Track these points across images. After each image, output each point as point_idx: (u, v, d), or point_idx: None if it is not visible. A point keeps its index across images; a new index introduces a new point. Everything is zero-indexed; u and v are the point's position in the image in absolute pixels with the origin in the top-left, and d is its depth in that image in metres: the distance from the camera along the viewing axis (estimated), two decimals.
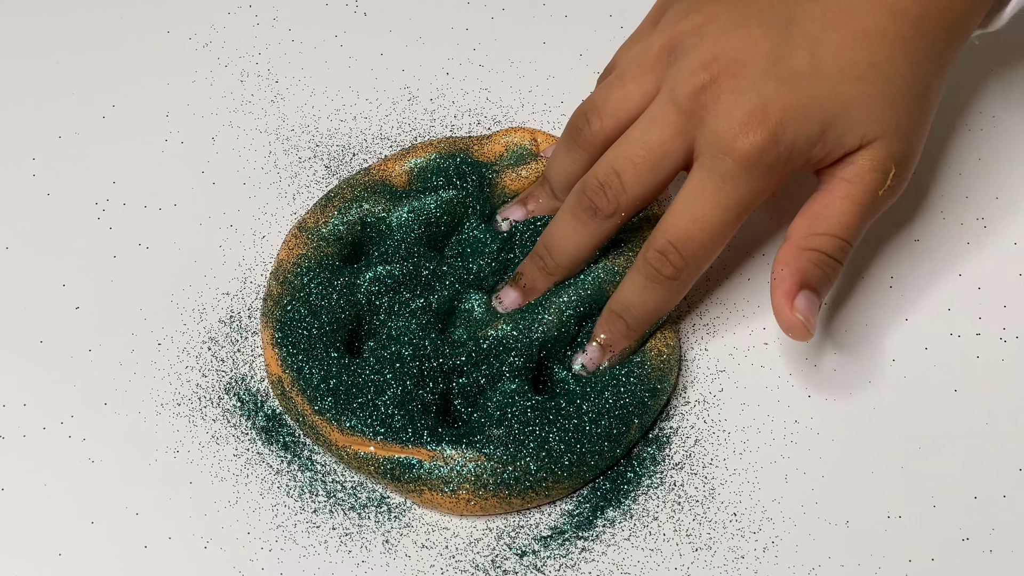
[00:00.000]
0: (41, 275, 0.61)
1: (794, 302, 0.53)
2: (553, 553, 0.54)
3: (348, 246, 0.59)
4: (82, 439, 0.56)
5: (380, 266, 0.58)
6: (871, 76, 0.54)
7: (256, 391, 0.58)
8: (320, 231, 0.59)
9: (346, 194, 0.60)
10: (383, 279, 0.58)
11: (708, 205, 0.54)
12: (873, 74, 0.54)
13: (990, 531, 0.55)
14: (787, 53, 0.54)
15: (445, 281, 0.58)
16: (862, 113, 0.54)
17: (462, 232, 0.60)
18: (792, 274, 0.53)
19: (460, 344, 0.57)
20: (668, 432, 0.57)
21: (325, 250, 0.59)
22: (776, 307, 0.54)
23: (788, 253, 0.54)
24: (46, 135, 0.65)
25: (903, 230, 0.62)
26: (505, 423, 0.55)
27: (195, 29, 0.68)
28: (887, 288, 0.61)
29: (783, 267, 0.54)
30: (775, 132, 0.53)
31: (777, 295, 0.53)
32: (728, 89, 0.53)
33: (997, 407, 0.58)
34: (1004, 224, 0.62)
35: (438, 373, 0.56)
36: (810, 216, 0.54)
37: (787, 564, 0.54)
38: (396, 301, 0.58)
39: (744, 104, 0.53)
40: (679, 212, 0.54)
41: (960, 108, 0.66)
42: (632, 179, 0.55)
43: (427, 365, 0.56)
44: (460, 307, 0.58)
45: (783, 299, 0.53)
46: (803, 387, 0.58)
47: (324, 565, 0.54)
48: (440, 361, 0.56)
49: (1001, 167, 0.64)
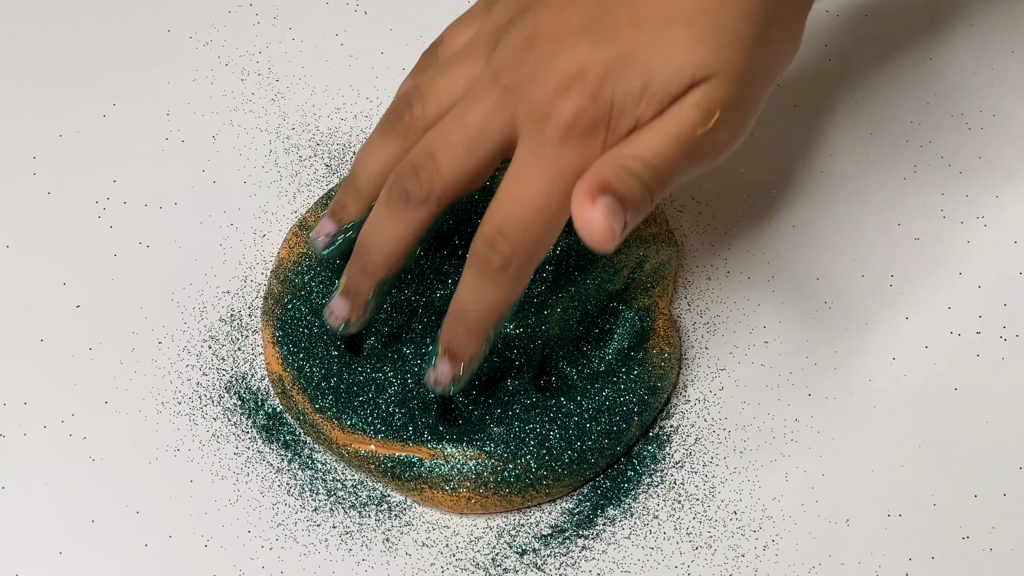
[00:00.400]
0: (42, 274, 0.61)
1: (595, 200, 0.47)
2: (553, 551, 0.54)
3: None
4: (83, 438, 0.57)
5: None
6: (699, 19, 0.49)
7: (257, 390, 0.58)
8: None
9: None
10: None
11: (530, 180, 0.49)
12: (702, 16, 0.49)
13: (990, 529, 0.55)
14: (606, 9, 0.49)
15: (447, 280, 0.58)
16: (689, 54, 0.48)
17: (466, 228, 0.60)
18: (594, 180, 0.48)
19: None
20: (668, 430, 0.57)
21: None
22: (574, 208, 0.47)
23: (589, 171, 0.48)
24: (47, 134, 0.65)
25: (903, 229, 0.62)
26: (506, 421, 0.55)
27: (196, 28, 0.68)
28: (887, 287, 0.61)
29: (583, 179, 0.48)
30: (592, 91, 0.48)
31: (576, 198, 0.47)
32: (545, 55, 0.49)
33: (997, 406, 0.58)
34: (1004, 223, 0.62)
35: None
36: (617, 146, 0.49)
37: (787, 562, 0.54)
38: (397, 299, 0.58)
39: (559, 67, 0.48)
40: (501, 193, 0.49)
41: (960, 106, 0.66)
42: (446, 159, 0.50)
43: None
44: None
45: (583, 198, 0.47)
46: (803, 386, 0.58)
47: (324, 563, 0.54)
48: None
49: (1001, 166, 0.64)
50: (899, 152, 0.65)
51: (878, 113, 0.66)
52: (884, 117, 0.66)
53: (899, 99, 0.66)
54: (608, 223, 0.47)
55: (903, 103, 0.66)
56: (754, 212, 0.63)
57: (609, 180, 0.47)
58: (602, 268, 0.58)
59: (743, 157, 0.64)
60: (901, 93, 0.66)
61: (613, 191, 0.47)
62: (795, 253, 0.62)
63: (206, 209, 0.63)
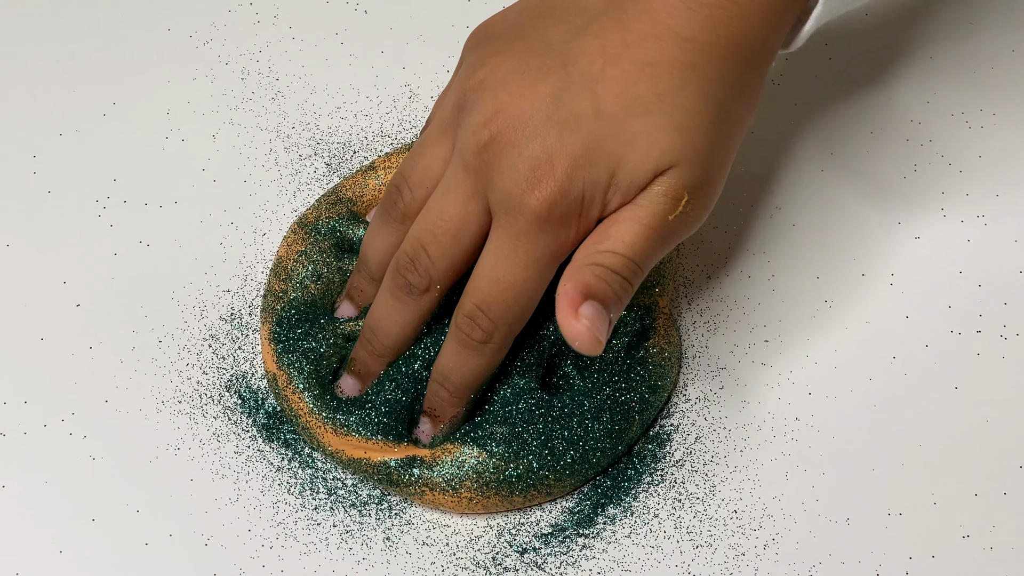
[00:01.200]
0: (42, 273, 0.61)
1: (579, 309, 0.50)
2: (554, 550, 0.54)
3: (346, 243, 0.59)
4: (83, 436, 0.56)
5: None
6: (658, 107, 0.50)
7: (257, 388, 0.58)
8: (320, 228, 0.59)
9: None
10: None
11: (507, 264, 0.51)
12: (660, 104, 0.50)
13: (991, 528, 0.55)
14: (567, 96, 0.51)
15: None
16: (651, 146, 0.50)
17: None
18: (575, 286, 0.50)
19: None
20: (669, 429, 0.57)
21: (324, 246, 0.59)
22: (560, 318, 0.50)
23: (570, 270, 0.51)
24: (47, 133, 0.65)
25: (903, 228, 0.62)
26: (508, 421, 0.55)
27: (195, 27, 0.68)
28: (887, 285, 0.61)
29: (565, 282, 0.50)
30: (562, 183, 0.50)
31: (560, 306, 0.50)
32: (510, 143, 0.51)
33: (997, 404, 0.58)
34: (1005, 222, 0.62)
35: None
36: (594, 238, 0.51)
37: (788, 561, 0.54)
38: None
39: (527, 158, 0.50)
40: (481, 274, 0.52)
41: (960, 106, 0.66)
42: (437, 251, 0.53)
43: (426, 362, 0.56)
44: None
45: (567, 308, 0.50)
46: (804, 384, 0.58)
47: (325, 562, 0.54)
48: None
49: (1001, 165, 0.64)
50: (899, 152, 0.65)
51: (878, 113, 0.66)
52: (884, 117, 0.66)
53: (899, 99, 0.66)
54: (593, 333, 0.49)
55: (903, 103, 0.66)
56: (754, 211, 0.63)
57: (590, 284, 0.50)
58: None
59: (743, 157, 0.64)
60: (901, 93, 0.66)
61: (595, 295, 0.50)
62: (795, 253, 0.62)
63: (206, 208, 0.63)
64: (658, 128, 0.51)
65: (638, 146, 0.51)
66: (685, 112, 0.51)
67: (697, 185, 0.52)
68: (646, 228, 0.51)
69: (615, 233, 0.51)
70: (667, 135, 0.51)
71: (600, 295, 0.50)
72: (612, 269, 0.51)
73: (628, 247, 0.51)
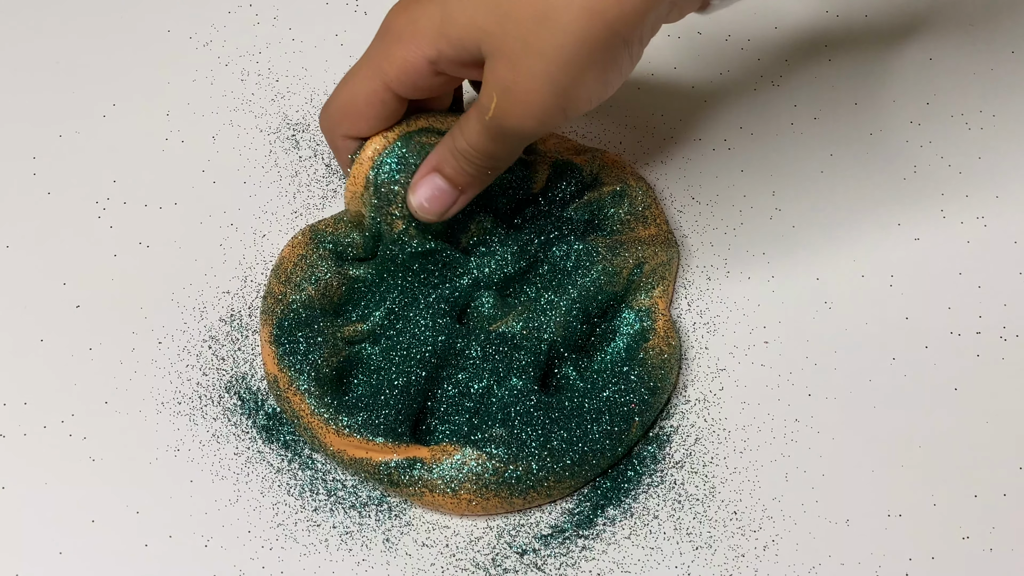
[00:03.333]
0: (42, 274, 0.61)
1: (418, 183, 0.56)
2: (553, 551, 0.54)
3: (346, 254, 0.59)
4: (83, 438, 0.57)
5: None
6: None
7: (256, 390, 0.58)
8: (324, 238, 0.59)
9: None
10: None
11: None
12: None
13: (990, 529, 0.55)
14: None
15: (436, 277, 0.58)
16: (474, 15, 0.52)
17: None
18: (428, 161, 0.56)
19: (464, 342, 0.57)
20: (668, 431, 0.57)
21: (324, 252, 0.59)
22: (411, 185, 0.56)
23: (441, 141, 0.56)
24: (47, 134, 0.65)
25: (903, 229, 0.62)
26: (508, 422, 0.55)
27: (196, 28, 0.68)
28: (887, 286, 0.61)
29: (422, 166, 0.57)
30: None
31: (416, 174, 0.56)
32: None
33: (997, 406, 0.58)
34: (1004, 223, 0.62)
35: (440, 371, 0.56)
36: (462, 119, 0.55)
37: (787, 563, 0.54)
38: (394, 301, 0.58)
39: None
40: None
41: (960, 106, 0.66)
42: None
43: (428, 363, 0.56)
44: (470, 303, 0.58)
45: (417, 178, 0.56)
46: (803, 386, 0.58)
47: (324, 564, 0.54)
48: (441, 358, 0.57)
49: (1001, 166, 0.64)
50: (899, 152, 0.65)
51: (878, 113, 0.66)
52: (884, 117, 0.66)
53: (899, 99, 0.66)
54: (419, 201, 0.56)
55: (903, 103, 0.66)
56: (754, 212, 0.63)
57: (438, 161, 0.56)
58: (602, 271, 0.58)
59: (743, 157, 0.64)
60: (901, 93, 0.66)
61: (443, 171, 0.56)
62: (795, 253, 0.62)
63: (206, 209, 0.63)
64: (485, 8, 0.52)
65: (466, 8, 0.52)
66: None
67: (504, 87, 0.52)
68: (481, 125, 0.54)
69: (464, 122, 0.55)
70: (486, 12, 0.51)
71: (448, 170, 0.56)
72: (460, 152, 0.55)
73: (472, 138, 0.55)
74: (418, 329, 0.57)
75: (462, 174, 0.56)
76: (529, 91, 0.51)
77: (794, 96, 0.66)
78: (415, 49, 0.54)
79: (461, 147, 0.55)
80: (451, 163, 0.56)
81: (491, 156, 0.55)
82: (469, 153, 0.55)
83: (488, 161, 0.55)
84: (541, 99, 0.51)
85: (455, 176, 0.56)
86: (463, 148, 0.55)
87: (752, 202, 0.63)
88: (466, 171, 0.56)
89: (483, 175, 0.56)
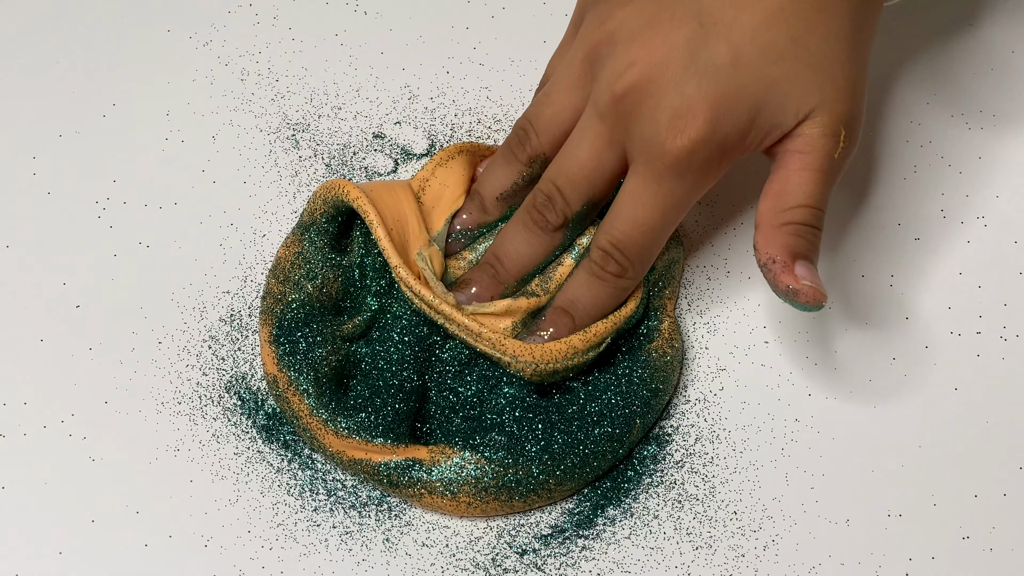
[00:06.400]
0: (42, 273, 0.61)
1: (795, 273, 0.53)
2: (553, 551, 0.54)
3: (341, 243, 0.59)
4: (83, 438, 0.56)
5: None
6: (793, 51, 0.53)
7: (256, 390, 0.58)
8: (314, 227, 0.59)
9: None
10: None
11: (646, 208, 0.54)
12: (795, 48, 0.53)
13: (990, 529, 0.55)
14: (703, 45, 0.53)
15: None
16: (791, 89, 0.53)
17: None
18: (780, 251, 0.53)
19: (460, 345, 0.57)
20: (669, 431, 0.57)
21: (319, 245, 0.59)
22: (782, 287, 0.53)
23: (765, 236, 0.54)
24: (47, 134, 0.65)
25: (903, 229, 0.62)
26: (507, 425, 0.55)
27: (195, 28, 0.68)
28: (887, 287, 0.61)
29: (767, 250, 0.54)
30: (703, 130, 0.53)
31: (780, 277, 0.53)
32: (648, 93, 0.53)
33: (997, 406, 0.58)
34: (1004, 223, 0.62)
35: (436, 374, 0.56)
36: (773, 196, 0.54)
37: (787, 563, 0.54)
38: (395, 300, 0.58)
39: (667, 107, 0.53)
40: (620, 215, 0.55)
41: (960, 106, 0.66)
42: (572, 193, 0.56)
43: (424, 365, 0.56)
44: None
45: (787, 277, 0.53)
46: (803, 386, 0.58)
47: (324, 564, 0.54)
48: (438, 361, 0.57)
49: (1001, 165, 0.64)
50: (899, 152, 0.65)
51: (878, 113, 0.66)
52: (884, 117, 0.66)
53: (899, 99, 0.66)
54: (816, 289, 0.53)
55: (903, 103, 0.66)
56: (754, 212, 0.63)
57: (792, 245, 0.53)
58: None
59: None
60: (901, 93, 0.66)
61: (801, 255, 0.53)
62: None
63: (206, 209, 0.63)
64: (795, 72, 0.53)
65: (777, 91, 0.53)
66: (819, 53, 0.53)
67: (848, 118, 0.54)
68: (820, 173, 0.54)
69: (794, 188, 0.54)
70: (805, 78, 0.53)
71: (804, 251, 0.53)
72: (805, 224, 0.54)
73: (811, 197, 0.54)
74: (399, 324, 0.57)
75: (815, 244, 0.54)
76: (863, 105, 0.55)
77: None
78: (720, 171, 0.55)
79: (808, 216, 0.54)
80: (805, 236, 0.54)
81: (826, 206, 0.55)
82: (817, 217, 0.54)
83: (824, 217, 0.54)
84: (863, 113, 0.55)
85: (813, 249, 0.54)
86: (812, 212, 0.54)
87: (752, 202, 0.63)
88: (814, 242, 0.54)
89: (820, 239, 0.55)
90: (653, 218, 0.54)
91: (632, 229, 0.54)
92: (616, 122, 0.54)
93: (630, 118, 0.53)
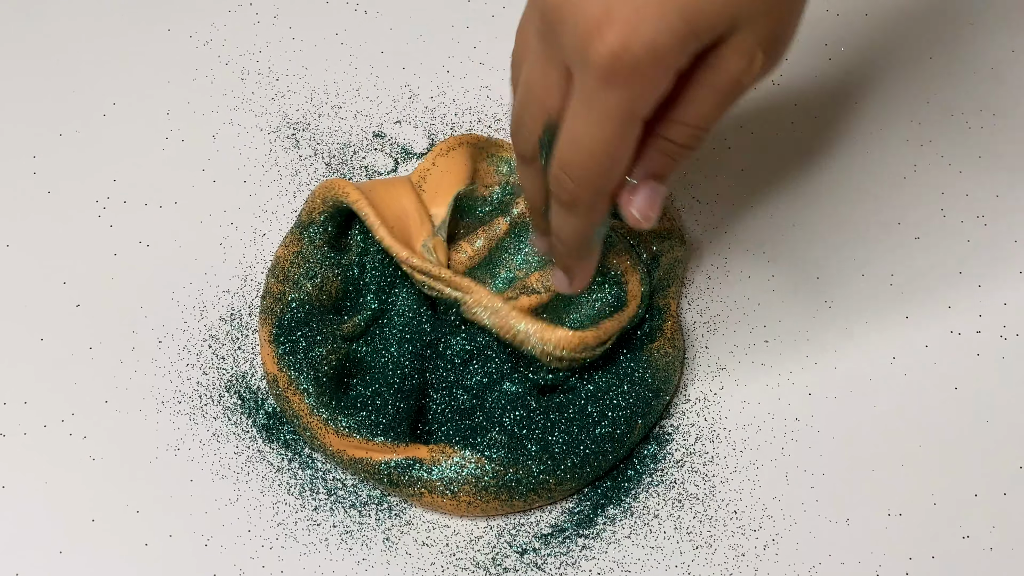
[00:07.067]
0: (42, 273, 0.61)
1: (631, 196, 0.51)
2: (554, 551, 0.54)
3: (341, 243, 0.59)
4: (83, 437, 0.56)
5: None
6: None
7: (257, 389, 0.58)
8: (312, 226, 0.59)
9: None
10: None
11: (582, 124, 0.49)
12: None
13: (990, 529, 0.55)
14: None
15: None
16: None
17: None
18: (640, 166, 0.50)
19: (461, 343, 0.57)
20: (669, 430, 0.57)
21: (318, 244, 0.59)
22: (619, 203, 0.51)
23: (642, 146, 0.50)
24: (47, 133, 0.65)
25: (903, 228, 0.62)
26: (507, 425, 0.55)
27: (195, 27, 0.68)
28: (887, 286, 0.61)
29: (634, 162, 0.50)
30: (625, 33, 0.47)
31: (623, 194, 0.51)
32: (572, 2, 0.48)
33: (997, 405, 0.58)
34: (1004, 222, 0.62)
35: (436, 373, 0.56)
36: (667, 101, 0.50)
37: (788, 562, 0.54)
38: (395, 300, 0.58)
39: (589, 14, 0.48)
40: (561, 134, 0.50)
41: (960, 106, 0.66)
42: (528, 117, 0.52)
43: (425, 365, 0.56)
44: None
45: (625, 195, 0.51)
46: (804, 385, 0.58)
47: (325, 563, 0.54)
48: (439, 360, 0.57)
49: (1001, 165, 0.64)
50: (899, 152, 0.65)
51: (878, 113, 0.66)
52: (884, 117, 0.66)
53: (899, 99, 0.66)
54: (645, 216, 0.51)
55: (903, 103, 0.66)
56: (754, 211, 0.63)
57: (656, 166, 0.50)
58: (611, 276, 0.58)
59: (743, 157, 0.64)
60: (901, 93, 0.66)
61: (657, 174, 0.50)
62: (795, 253, 0.62)
63: (206, 208, 0.63)
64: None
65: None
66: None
67: (770, 39, 0.50)
68: (720, 94, 0.49)
69: (688, 99, 0.49)
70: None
71: (662, 172, 0.50)
72: (681, 144, 0.50)
73: (701, 117, 0.50)
74: (399, 323, 0.57)
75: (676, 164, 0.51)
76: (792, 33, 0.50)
77: (794, 96, 0.66)
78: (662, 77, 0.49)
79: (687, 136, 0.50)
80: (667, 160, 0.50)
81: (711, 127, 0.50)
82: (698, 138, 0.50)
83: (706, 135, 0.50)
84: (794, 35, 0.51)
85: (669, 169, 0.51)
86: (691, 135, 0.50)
87: (752, 202, 0.63)
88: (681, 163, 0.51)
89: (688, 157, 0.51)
90: (591, 134, 0.49)
91: (570, 147, 0.50)
92: (550, 37, 0.49)
93: (559, 30, 0.49)
